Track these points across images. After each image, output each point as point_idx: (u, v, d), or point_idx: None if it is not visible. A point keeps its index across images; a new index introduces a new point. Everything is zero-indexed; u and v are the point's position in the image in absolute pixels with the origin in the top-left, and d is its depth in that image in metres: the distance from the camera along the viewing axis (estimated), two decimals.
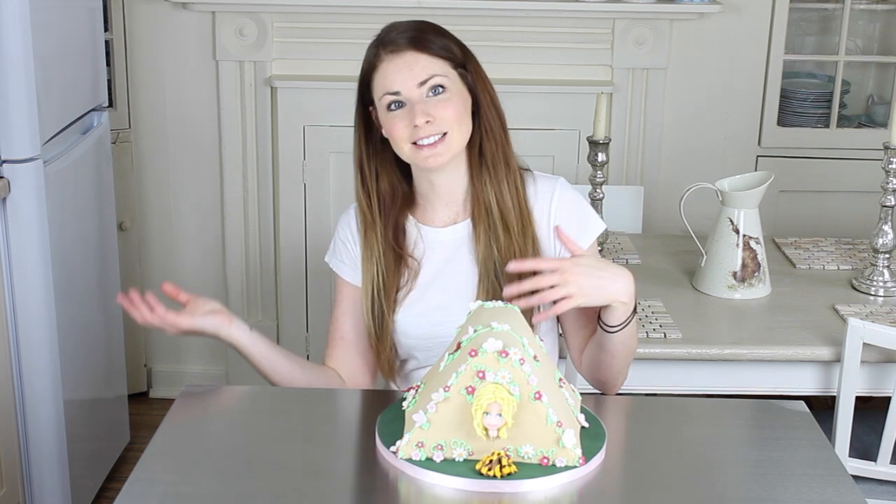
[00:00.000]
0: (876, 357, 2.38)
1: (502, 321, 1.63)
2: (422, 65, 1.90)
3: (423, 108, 1.88)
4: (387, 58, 1.91)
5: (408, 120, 1.89)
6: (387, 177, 2.01)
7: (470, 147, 1.98)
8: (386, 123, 1.93)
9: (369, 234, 2.01)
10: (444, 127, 1.90)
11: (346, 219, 2.08)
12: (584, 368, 2.04)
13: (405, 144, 1.91)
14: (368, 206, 2.01)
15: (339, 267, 2.09)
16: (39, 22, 2.69)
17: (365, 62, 1.96)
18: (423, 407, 1.61)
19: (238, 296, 3.79)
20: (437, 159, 1.91)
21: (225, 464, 1.67)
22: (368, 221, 2.01)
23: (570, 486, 1.59)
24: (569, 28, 3.58)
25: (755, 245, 2.65)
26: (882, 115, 3.79)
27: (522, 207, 1.98)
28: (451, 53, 1.93)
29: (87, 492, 3.11)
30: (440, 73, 1.91)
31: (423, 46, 1.91)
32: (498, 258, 1.96)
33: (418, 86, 1.89)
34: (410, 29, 1.94)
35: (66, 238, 2.90)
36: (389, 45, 1.91)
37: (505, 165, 1.98)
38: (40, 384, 2.80)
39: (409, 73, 1.89)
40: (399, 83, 1.90)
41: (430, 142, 1.90)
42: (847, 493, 1.60)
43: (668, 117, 3.70)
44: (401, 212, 2.03)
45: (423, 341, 2.02)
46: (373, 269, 2.01)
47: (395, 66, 1.90)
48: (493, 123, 1.98)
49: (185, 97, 3.67)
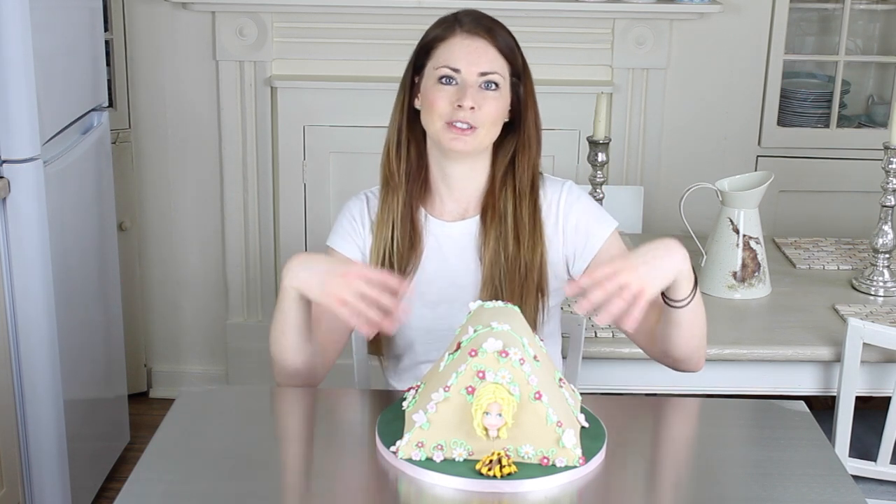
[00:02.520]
0: (876, 357, 2.38)
1: (502, 321, 1.63)
2: (490, 56, 1.94)
3: (474, 95, 1.92)
4: (460, 35, 1.95)
5: (454, 98, 1.92)
6: (416, 147, 2.02)
7: (502, 153, 2.01)
8: (429, 93, 1.94)
9: (390, 197, 2.02)
10: (479, 121, 1.93)
11: (360, 203, 2.07)
12: (660, 351, 1.95)
13: (439, 120, 1.93)
14: (397, 167, 2.01)
15: (339, 243, 2.05)
16: (39, 22, 2.69)
17: (433, 31, 1.98)
18: (423, 407, 1.61)
19: (238, 296, 3.79)
20: (460, 144, 1.93)
21: (225, 464, 1.67)
22: (393, 184, 2.02)
23: (570, 486, 1.59)
24: (569, 28, 3.58)
25: (755, 245, 2.65)
26: (882, 115, 3.79)
27: (537, 224, 2.00)
28: (515, 59, 1.98)
29: (87, 492, 3.11)
30: (500, 72, 1.95)
31: (496, 40, 1.96)
32: (504, 266, 1.97)
33: (479, 74, 1.93)
34: (489, 20, 1.98)
35: (66, 238, 2.90)
36: (466, 26, 1.95)
37: (530, 183, 2.01)
38: (40, 384, 2.80)
39: (477, 59, 1.93)
40: (464, 62, 1.93)
41: (463, 127, 1.92)
42: (847, 493, 1.60)
43: (668, 117, 3.70)
44: (418, 194, 2.03)
45: (425, 334, 2.02)
46: (387, 233, 2.01)
47: (466, 46, 1.94)
48: (532, 141, 2.01)
49: (185, 97, 3.67)
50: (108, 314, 3.27)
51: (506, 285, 1.96)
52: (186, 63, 3.64)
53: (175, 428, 1.78)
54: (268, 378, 4.11)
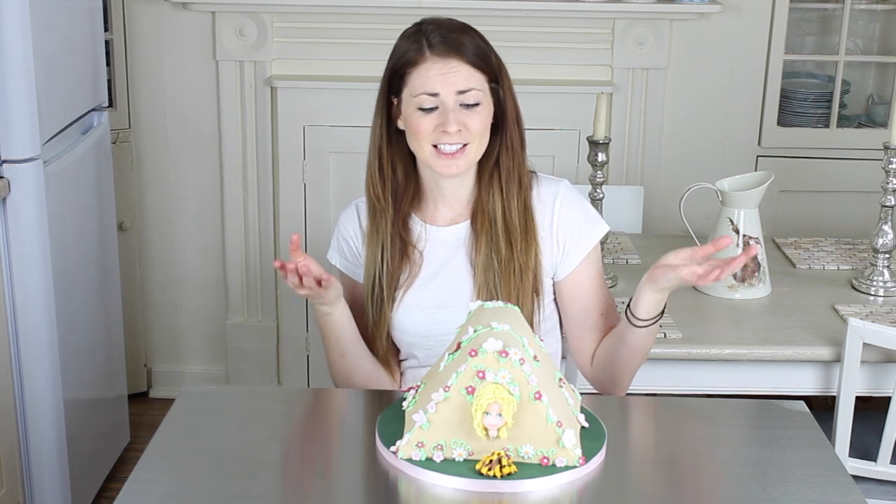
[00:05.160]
0: (876, 357, 2.38)
1: (502, 321, 1.63)
2: (464, 75, 1.92)
3: (457, 117, 1.91)
4: (431, 58, 1.92)
5: (438, 122, 1.91)
6: (401, 165, 2.02)
7: (486, 156, 2.00)
8: (412, 120, 1.94)
9: (378, 219, 2.02)
10: (468, 138, 1.92)
11: (350, 216, 2.09)
12: (595, 371, 2.05)
13: (427, 145, 1.93)
14: (382, 190, 2.01)
15: (347, 266, 2.09)
16: (39, 22, 2.69)
17: (403, 53, 1.95)
18: (423, 407, 1.61)
19: (238, 296, 3.79)
20: (453, 169, 1.93)
21: (225, 464, 1.67)
22: (380, 206, 2.02)
23: (570, 486, 1.59)
24: (569, 28, 3.58)
25: (755, 245, 2.65)
26: (882, 115, 3.79)
27: (529, 223, 2.00)
28: (490, 67, 1.96)
29: (87, 492, 3.11)
30: (478, 88, 1.93)
31: (468, 56, 1.93)
32: (498, 270, 1.97)
33: (457, 94, 1.92)
34: (456, 31, 1.95)
35: (66, 238, 2.90)
36: (436, 47, 1.92)
37: (518, 182, 2.00)
38: (40, 384, 2.80)
39: (451, 79, 1.91)
40: (440, 86, 1.91)
41: (452, 150, 1.92)
42: (847, 493, 1.60)
43: (668, 117, 3.70)
44: (409, 205, 2.03)
45: (423, 339, 2.02)
46: (377, 254, 2.01)
47: (439, 69, 1.92)
48: (514, 139, 2.00)
49: (185, 97, 3.67)
50: (108, 314, 3.27)
51: (501, 289, 1.96)
52: (186, 63, 3.64)
53: (175, 428, 1.78)
54: (268, 378, 4.13)
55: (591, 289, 2.03)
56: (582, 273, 2.03)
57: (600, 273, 2.06)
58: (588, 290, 2.03)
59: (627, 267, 2.82)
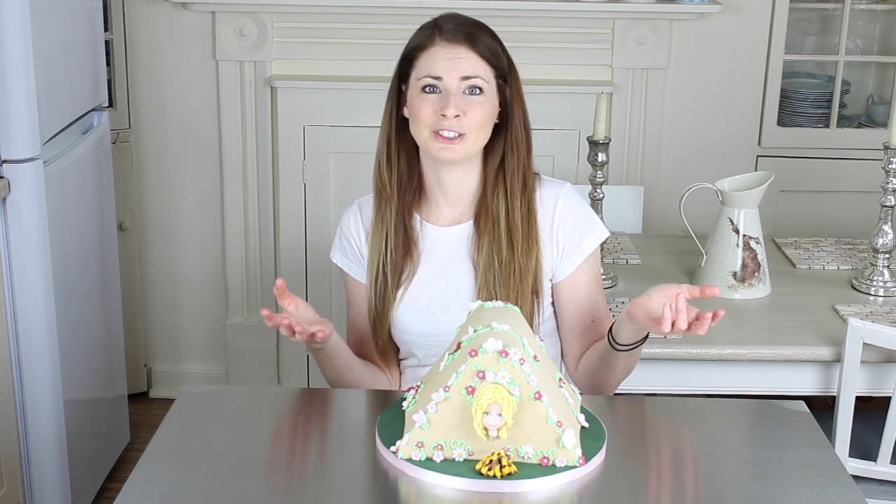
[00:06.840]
0: (876, 357, 2.38)
1: (502, 321, 1.63)
2: (471, 62, 1.93)
3: (457, 103, 1.91)
4: (440, 43, 1.94)
5: (438, 106, 1.91)
6: (406, 156, 2.02)
7: (491, 157, 2.00)
8: (415, 103, 1.94)
9: (383, 208, 2.02)
10: (466, 128, 1.92)
11: (352, 215, 2.09)
12: (579, 375, 2.06)
13: (426, 129, 1.93)
14: (389, 178, 2.01)
15: (349, 266, 2.09)
16: (39, 22, 2.69)
17: (414, 40, 1.98)
18: (423, 407, 1.61)
19: (238, 296, 3.79)
20: (449, 154, 1.92)
21: (225, 464, 1.67)
22: (385, 195, 2.02)
23: (570, 486, 1.59)
24: (569, 28, 3.58)
25: (755, 245, 2.65)
26: (882, 115, 3.79)
27: (531, 227, 2.00)
28: (499, 62, 1.97)
29: (87, 492, 3.11)
30: (483, 77, 1.94)
31: (477, 46, 1.94)
32: (499, 271, 1.97)
33: (461, 79, 1.92)
34: (469, 25, 1.97)
35: (66, 238, 2.90)
36: (446, 33, 1.94)
37: (522, 184, 2.00)
38: (40, 384, 2.80)
39: (457, 65, 1.92)
40: (444, 70, 1.92)
41: (450, 136, 1.92)
42: (847, 493, 1.61)
43: (668, 117, 3.70)
44: (412, 200, 2.03)
45: (423, 339, 2.02)
46: (381, 244, 2.01)
47: (446, 54, 1.93)
48: (521, 142, 2.00)
49: (185, 97, 3.67)
50: (108, 314, 3.27)
51: (500, 290, 1.96)
52: (186, 63, 3.64)
53: (175, 428, 1.78)
54: (268, 378, 4.13)
55: (587, 294, 2.04)
56: (578, 277, 2.03)
57: (597, 278, 2.06)
58: (583, 296, 2.04)
59: (627, 267, 2.82)
